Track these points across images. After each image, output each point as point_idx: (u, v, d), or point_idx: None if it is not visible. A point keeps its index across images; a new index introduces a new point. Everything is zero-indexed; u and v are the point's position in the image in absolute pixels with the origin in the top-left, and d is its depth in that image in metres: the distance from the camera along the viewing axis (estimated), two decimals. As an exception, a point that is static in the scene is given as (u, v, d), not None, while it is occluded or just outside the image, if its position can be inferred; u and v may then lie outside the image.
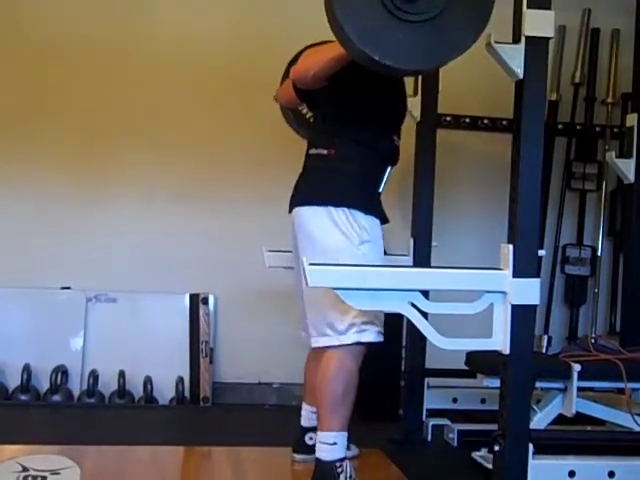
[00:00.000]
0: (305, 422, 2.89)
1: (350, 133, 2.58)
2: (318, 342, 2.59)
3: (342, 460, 2.54)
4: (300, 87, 2.68)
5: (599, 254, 4.23)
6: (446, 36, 2.10)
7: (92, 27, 3.97)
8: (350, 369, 2.54)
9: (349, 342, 2.52)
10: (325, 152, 2.63)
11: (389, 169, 2.69)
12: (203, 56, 3.99)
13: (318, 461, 2.55)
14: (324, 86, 2.56)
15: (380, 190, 2.66)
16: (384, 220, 2.65)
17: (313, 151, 2.69)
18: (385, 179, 2.68)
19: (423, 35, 2.07)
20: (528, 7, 2.16)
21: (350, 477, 2.54)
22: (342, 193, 2.55)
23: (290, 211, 2.68)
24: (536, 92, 2.21)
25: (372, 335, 2.56)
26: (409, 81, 3.24)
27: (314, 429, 2.83)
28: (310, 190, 2.63)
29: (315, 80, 2.51)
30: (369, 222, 2.56)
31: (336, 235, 2.53)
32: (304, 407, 2.91)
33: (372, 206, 2.60)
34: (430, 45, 2.10)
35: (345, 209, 2.53)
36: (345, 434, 2.56)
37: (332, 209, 2.54)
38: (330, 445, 2.53)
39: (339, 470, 2.52)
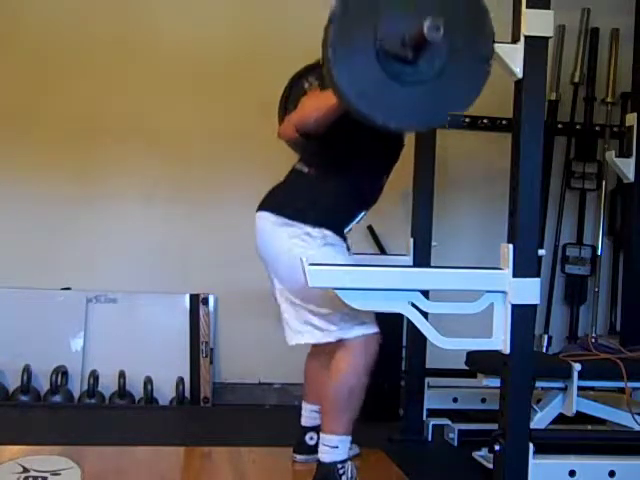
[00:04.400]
0: (305, 422, 2.88)
1: (339, 172, 2.57)
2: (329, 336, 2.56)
3: (344, 462, 2.54)
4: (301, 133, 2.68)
5: (599, 253, 4.23)
6: (446, 97, 2.08)
7: (92, 27, 3.97)
8: (359, 373, 2.52)
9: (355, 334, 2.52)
10: (306, 170, 2.65)
11: (363, 213, 2.67)
12: (203, 56, 4.00)
13: (320, 463, 2.55)
14: None
15: (346, 229, 2.64)
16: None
17: (297, 166, 2.70)
18: (356, 221, 2.67)
19: (421, 97, 2.05)
20: (527, 7, 2.17)
21: (352, 478, 2.54)
22: (308, 212, 2.55)
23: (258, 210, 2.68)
24: (535, 92, 2.21)
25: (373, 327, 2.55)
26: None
27: (315, 429, 2.84)
28: (279, 199, 2.65)
29: (316, 127, 2.50)
30: (329, 232, 2.56)
31: (297, 242, 2.53)
32: (304, 406, 2.90)
33: (334, 228, 2.58)
34: (428, 107, 2.08)
35: (308, 226, 2.53)
36: (348, 438, 2.56)
37: (296, 223, 2.54)
38: (332, 448, 2.53)
39: (341, 472, 2.52)
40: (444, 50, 2.02)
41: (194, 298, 4.02)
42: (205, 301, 4.01)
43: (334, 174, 2.57)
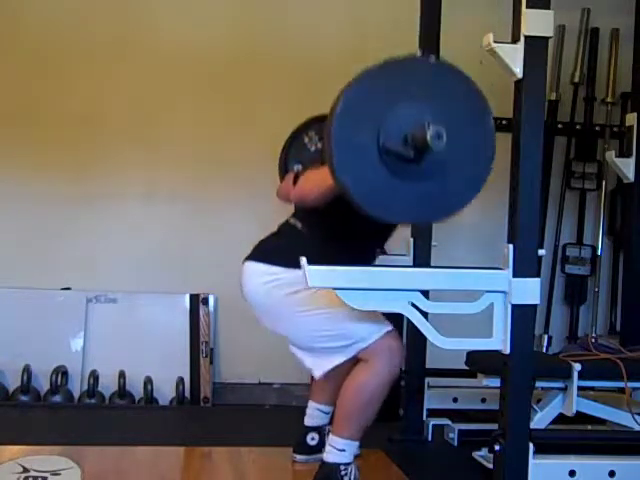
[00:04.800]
0: (309, 421, 2.88)
1: (331, 237, 2.56)
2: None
3: (348, 464, 2.53)
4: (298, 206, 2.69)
5: (599, 253, 4.23)
6: (445, 194, 2.07)
7: (92, 27, 3.97)
8: (381, 382, 2.49)
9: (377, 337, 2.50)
10: (299, 226, 2.65)
11: None
12: (203, 56, 4.00)
13: (323, 462, 2.55)
14: None
15: None
16: None
17: (291, 220, 2.71)
18: None
19: (421, 194, 2.04)
20: (527, 7, 2.16)
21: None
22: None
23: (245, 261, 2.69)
24: (535, 92, 2.21)
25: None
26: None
27: (317, 429, 2.84)
28: (268, 249, 2.67)
29: (314, 204, 2.52)
30: None
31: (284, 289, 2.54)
32: (311, 405, 2.89)
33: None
34: (428, 204, 2.08)
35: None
36: (356, 443, 2.55)
37: (284, 270, 2.54)
38: (338, 450, 2.53)
39: (343, 473, 2.52)
40: (446, 150, 2.00)
41: (194, 298, 4.02)
42: (205, 301, 4.01)
43: (326, 237, 2.57)
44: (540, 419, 2.75)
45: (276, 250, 2.64)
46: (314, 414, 2.87)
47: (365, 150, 1.99)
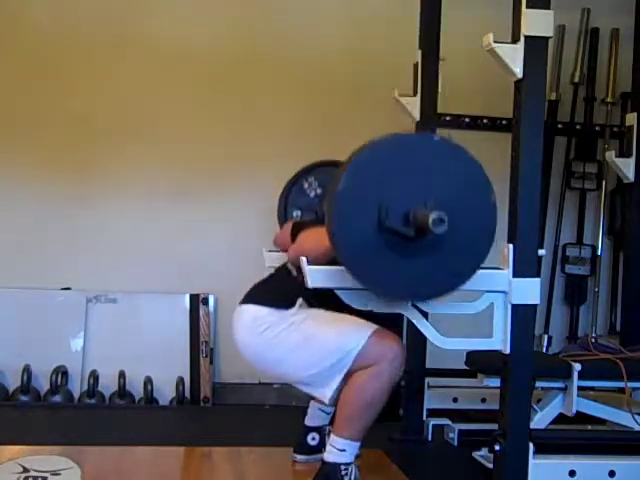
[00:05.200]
0: (310, 421, 2.88)
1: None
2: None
3: (348, 465, 2.53)
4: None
5: (599, 253, 4.23)
6: (441, 273, 2.05)
7: (91, 26, 3.97)
8: (383, 384, 2.49)
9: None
10: (295, 274, 2.66)
11: None
12: (203, 56, 4.00)
13: (323, 462, 2.55)
14: None
15: None
16: None
17: (288, 265, 2.73)
18: None
19: (419, 271, 2.03)
20: (527, 7, 2.17)
21: None
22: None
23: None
24: (535, 92, 2.21)
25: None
26: (409, 81, 3.25)
27: (318, 429, 2.84)
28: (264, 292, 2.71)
29: (313, 264, 2.53)
30: None
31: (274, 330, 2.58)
32: (313, 405, 2.89)
33: None
34: (425, 281, 2.06)
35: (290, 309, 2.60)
36: (357, 444, 2.54)
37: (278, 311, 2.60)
38: (339, 450, 2.52)
39: (343, 473, 2.51)
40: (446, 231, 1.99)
41: (194, 298, 4.02)
42: (205, 301, 4.01)
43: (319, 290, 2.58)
44: (540, 419, 2.75)
45: (267, 293, 2.69)
46: (315, 414, 2.87)
47: (365, 227, 1.98)
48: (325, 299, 2.52)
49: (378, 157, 2.01)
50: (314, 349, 2.52)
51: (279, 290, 2.69)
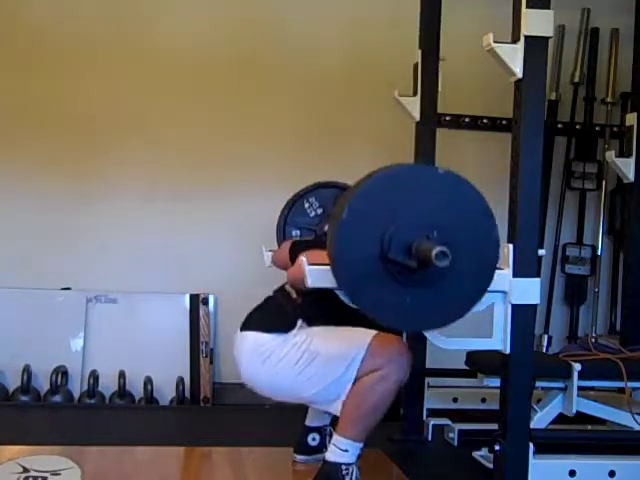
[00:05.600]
0: (310, 422, 2.88)
1: (327, 313, 2.57)
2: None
3: (349, 465, 2.53)
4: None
5: (599, 253, 4.23)
6: (442, 304, 2.05)
7: (92, 26, 3.98)
8: (390, 385, 2.47)
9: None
10: (294, 296, 2.68)
11: None
12: (204, 56, 4.00)
13: (325, 461, 2.55)
14: None
15: None
16: None
17: (287, 287, 2.73)
18: None
19: (420, 301, 2.02)
20: (527, 7, 2.16)
21: None
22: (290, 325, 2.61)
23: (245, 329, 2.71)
24: (535, 91, 2.21)
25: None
26: (409, 81, 3.25)
27: (318, 429, 2.84)
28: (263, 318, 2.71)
29: (308, 287, 2.53)
30: None
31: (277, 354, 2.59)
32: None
33: None
34: (426, 311, 2.05)
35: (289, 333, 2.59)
36: (360, 445, 2.53)
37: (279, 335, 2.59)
38: (341, 450, 2.52)
39: (344, 472, 2.51)
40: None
41: (194, 298, 4.02)
42: (205, 301, 4.01)
43: (320, 310, 2.57)
44: (540, 419, 2.75)
45: (267, 317, 2.69)
46: (316, 415, 2.86)
47: (367, 255, 1.97)
48: (326, 316, 2.56)
49: (382, 187, 2.00)
50: (319, 366, 2.52)
51: (279, 314, 2.68)
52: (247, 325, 2.71)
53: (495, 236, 2.05)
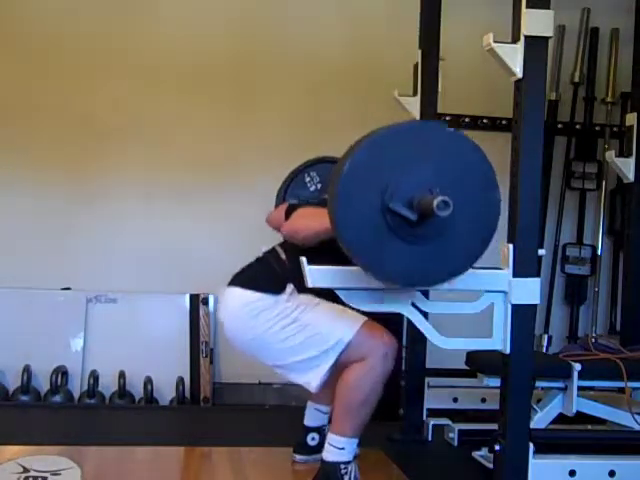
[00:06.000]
0: (309, 421, 2.88)
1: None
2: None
3: (348, 463, 2.53)
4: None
5: (599, 253, 4.23)
6: (442, 261, 2.06)
7: (92, 26, 3.98)
8: (377, 377, 2.49)
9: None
10: (283, 257, 2.67)
11: None
12: (204, 56, 4.00)
13: (323, 461, 2.55)
14: None
15: None
16: None
17: (277, 248, 2.73)
18: None
19: (419, 256, 2.03)
20: (527, 7, 2.16)
21: (355, 479, 2.53)
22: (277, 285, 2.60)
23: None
24: (535, 91, 2.21)
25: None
26: (409, 80, 3.25)
27: (317, 429, 2.84)
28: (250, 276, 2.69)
29: (304, 242, 2.53)
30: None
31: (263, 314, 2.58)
32: (309, 405, 2.89)
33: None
34: (424, 267, 2.06)
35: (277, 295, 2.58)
36: (355, 441, 2.54)
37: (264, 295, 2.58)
38: (338, 449, 2.52)
39: (343, 472, 2.51)
40: (449, 218, 1.98)
41: (194, 298, 4.03)
42: (205, 301, 4.01)
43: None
44: (540, 419, 2.75)
45: (257, 277, 2.67)
46: (313, 414, 2.87)
47: (368, 207, 1.99)
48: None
49: (388, 142, 2.02)
50: (305, 337, 2.51)
51: (269, 273, 2.65)
52: (236, 281, 2.68)
53: (496, 201, 2.07)
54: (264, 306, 2.57)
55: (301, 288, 2.58)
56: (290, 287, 2.59)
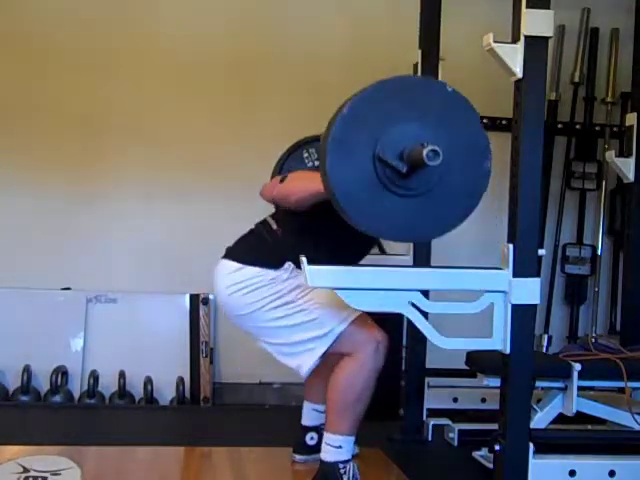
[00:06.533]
0: (306, 421, 2.88)
1: (305, 242, 2.54)
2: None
3: (346, 462, 2.53)
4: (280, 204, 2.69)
5: (599, 253, 4.23)
6: (432, 216, 2.10)
7: (92, 25, 3.98)
8: (369, 373, 2.50)
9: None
10: (274, 227, 2.66)
11: None
12: (203, 55, 4.00)
13: (321, 462, 2.55)
14: None
15: None
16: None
17: (269, 219, 2.72)
18: None
19: (410, 210, 2.07)
20: (527, 7, 2.16)
21: (353, 478, 2.53)
22: (268, 259, 2.58)
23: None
24: (535, 91, 2.21)
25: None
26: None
27: (316, 429, 2.84)
28: (243, 249, 2.68)
29: (296, 205, 2.53)
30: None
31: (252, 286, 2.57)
32: (306, 405, 2.90)
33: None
34: (414, 222, 2.10)
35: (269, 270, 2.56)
36: (352, 438, 2.55)
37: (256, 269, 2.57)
38: (335, 448, 2.52)
39: (342, 471, 2.51)
40: (438, 170, 2.04)
41: (194, 298, 4.03)
42: (205, 301, 4.01)
43: (300, 241, 2.55)
44: (540, 419, 2.75)
45: (249, 251, 2.65)
46: (310, 414, 2.87)
47: (359, 156, 2.01)
48: (303, 249, 2.42)
49: (387, 93, 2.06)
50: (300, 319, 2.51)
51: (264, 247, 2.63)
52: (232, 255, 2.66)
53: (487, 168, 2.12)
54: (261, 282, 2.54)
55: (298, 261, 2.55)
56: (289, 265, 2.55)
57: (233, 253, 2.66)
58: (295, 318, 2.52)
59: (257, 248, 2.65)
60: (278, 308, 2.54)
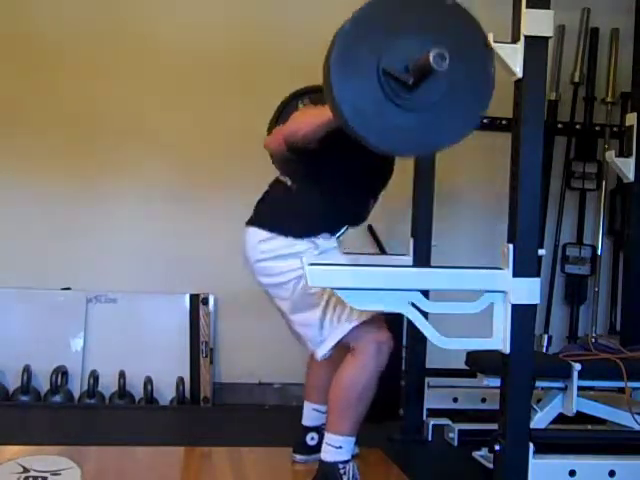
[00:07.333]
0: (307, 421, 2.88)
1: (321, 189, 2.56)
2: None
3: (346, 462, 2.53)
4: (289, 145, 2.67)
5: (599, 253, 4.23)
6: (440, 127, 2.09)
7: (91, 25, 3.97)
8: (371, 374, 2.49)
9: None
10: (289, 183, 2.65)
11: (345, 227, 2.67)
12: (203, 56, 4.00)
13: (321, 462, 2.55)
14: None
15: (336, 236, 2.64)
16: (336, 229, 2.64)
17: (281, 177, 2.71)
18: (339, 234, 2.65)
19: (416, 123, 2.06)
20: (527, 7, 2.17)
21: (353, 478, 2.53)
22: (292, 225, 2.57)
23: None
24: (535, 91, 2.21)
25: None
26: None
27: (316, 429, 2.84)
28: (265, 214, 2.67)
29: (305, 141, 2.51)
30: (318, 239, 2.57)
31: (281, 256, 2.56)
32: (306, 405, 2.89)
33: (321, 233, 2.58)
34: (424, 134, 2.09)
35: (294, 239, 2.55)
36: (353, 439, 2.54)
37: (281, 237, 2.56)
38: (335, 448, 2.52)
39: (342, 471, 2.51)
40: (444, 81, 2.03)
41: (194, 298, 4.02)
42: (205, 301, 4.01)
43: (315, 190, 2.56)
44: (540, 419, 2.75)
45: (269, 214, 2.64)
46: (311, 414, 2.87)
47: (365, 70, 2.00)
48: (320, 193, 2.52)
49: (381, 10, 2.07)
50: (329, 301, 2.48)
51: (279, 210, 2.62)
52: (257, 221, 2.64)
53: (491, 72, 2.11)
54: (297, 250, 2.52)
55: (310, 216, 2.55)
56: (322, 239, 2.55)
57: (255, 219, 2.66)
58: (326, 297, 2.49)
59: (274, 212, 2.63)
60: (301, 285, 2.50)
